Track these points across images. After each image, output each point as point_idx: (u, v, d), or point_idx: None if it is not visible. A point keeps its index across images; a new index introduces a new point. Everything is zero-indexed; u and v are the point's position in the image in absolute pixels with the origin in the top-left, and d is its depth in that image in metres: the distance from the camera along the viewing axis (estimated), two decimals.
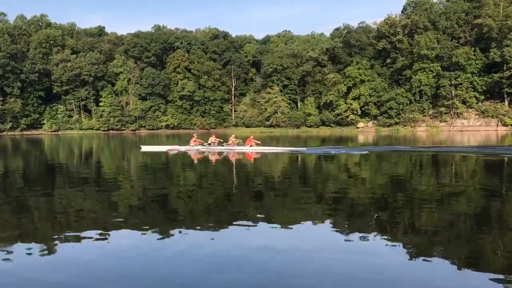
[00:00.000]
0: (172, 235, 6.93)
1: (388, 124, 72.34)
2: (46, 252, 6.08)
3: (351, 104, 72.88)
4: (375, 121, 74.59)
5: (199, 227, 7.33)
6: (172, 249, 6.18)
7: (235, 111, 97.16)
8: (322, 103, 77.35)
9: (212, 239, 6.66)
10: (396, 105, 70.56)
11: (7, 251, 6.07)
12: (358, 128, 73.89)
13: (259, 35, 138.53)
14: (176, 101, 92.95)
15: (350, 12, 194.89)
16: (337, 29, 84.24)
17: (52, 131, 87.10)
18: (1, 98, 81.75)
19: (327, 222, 7.77)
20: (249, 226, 7.41)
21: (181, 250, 6.11)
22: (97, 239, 6.67)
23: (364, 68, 73.73)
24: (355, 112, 73.18)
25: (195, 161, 20.66)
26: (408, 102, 70.56)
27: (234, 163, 20.03)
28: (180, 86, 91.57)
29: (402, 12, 77.54)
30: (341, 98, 74.24)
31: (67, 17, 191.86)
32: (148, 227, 7.30)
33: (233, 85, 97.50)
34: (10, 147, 37.84)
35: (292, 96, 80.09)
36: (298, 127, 78.41)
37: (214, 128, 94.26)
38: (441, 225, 7.46)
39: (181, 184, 13.07)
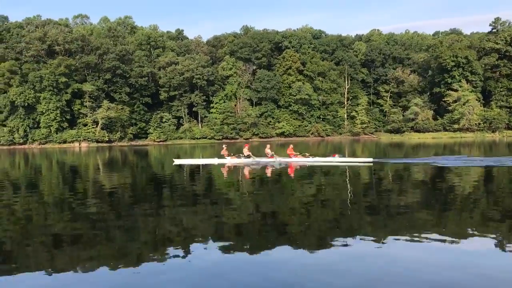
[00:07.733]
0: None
1: None
2: (147, 271, 5.78)
3: None
4: None
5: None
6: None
7: (348, 116, 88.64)
8: None
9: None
10: None
11: (113, 270, 5.81)
12: None
13: None
14: (290, 106, 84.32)
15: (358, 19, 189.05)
16: None
17: (160, 141, 78.28)
18: (113, 105, 72.98)
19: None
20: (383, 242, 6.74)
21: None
22: (200, 257, 6.38)
23: None
24: None
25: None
26: None
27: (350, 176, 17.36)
28: (295, 89, 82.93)
29: None
30: None
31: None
32: (258, 247, 6.75)
33: (346, 87, 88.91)
34: (120, 160, 34.16)
35: (477, 94, 70.08)
36: (495, 131, 67.68)
37: (329, 136, 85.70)
38: None
39: (295, 199, 11.55)
